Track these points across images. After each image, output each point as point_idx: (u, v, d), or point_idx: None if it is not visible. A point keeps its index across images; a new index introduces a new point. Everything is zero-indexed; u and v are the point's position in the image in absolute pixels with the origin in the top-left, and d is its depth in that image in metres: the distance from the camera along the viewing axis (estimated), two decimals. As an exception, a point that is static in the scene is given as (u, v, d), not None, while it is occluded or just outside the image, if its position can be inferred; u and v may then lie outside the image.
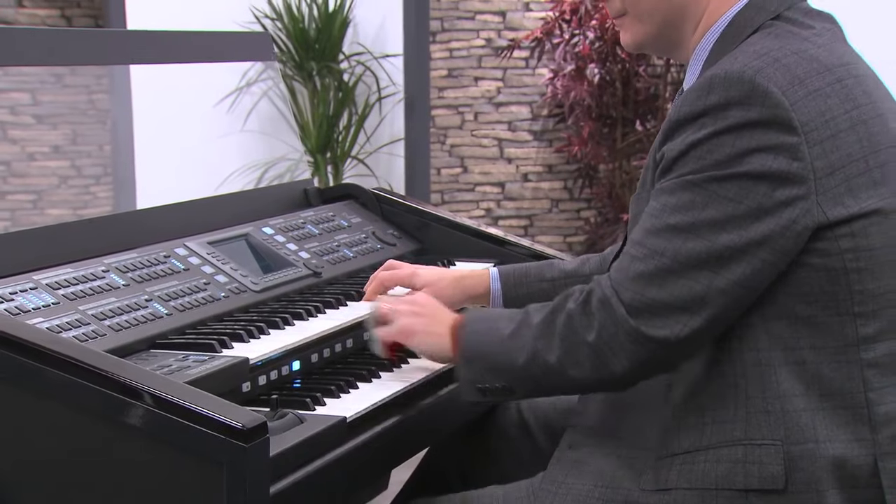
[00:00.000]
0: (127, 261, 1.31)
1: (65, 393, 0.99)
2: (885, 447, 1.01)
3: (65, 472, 1.01)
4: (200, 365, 1.12)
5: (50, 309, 1.16)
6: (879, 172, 1.01)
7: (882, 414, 1.01)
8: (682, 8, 1.10)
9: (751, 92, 0.98)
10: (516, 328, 1.08)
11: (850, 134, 1.00)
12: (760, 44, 1.04)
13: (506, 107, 4.10)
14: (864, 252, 1.00)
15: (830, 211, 0.99)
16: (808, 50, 1.03)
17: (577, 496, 1.06)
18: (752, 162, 0.98)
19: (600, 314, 1.03)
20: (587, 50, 3.72)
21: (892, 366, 1.02)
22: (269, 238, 1.53)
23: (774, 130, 0.98)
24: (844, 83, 1.02)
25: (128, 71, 3.00)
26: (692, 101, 1.01)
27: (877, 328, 1.02)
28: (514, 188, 4.12)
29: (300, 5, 3.41)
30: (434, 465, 1.47)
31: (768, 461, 1.00)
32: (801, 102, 0.99)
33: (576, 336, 1.04)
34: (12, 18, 4.61)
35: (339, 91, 3.46)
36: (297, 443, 1.03)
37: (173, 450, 0.96)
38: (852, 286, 1.00)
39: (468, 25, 4.04)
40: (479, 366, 1.10)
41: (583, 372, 1.04)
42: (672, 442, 1.04)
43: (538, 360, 1.06)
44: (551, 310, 1.07)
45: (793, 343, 1.01)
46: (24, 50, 1.45)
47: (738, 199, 0.98)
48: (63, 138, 4.60)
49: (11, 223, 4.42)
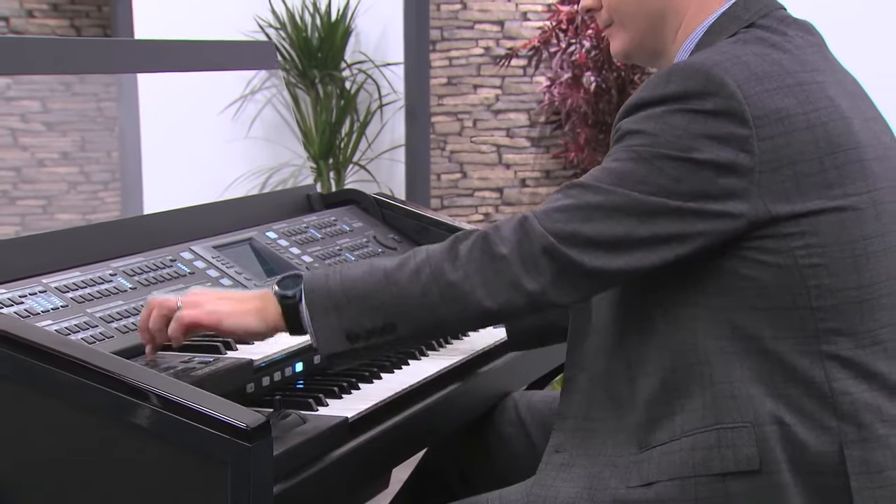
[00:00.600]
0: (134, 264, 1.31)
1: (73, 394, 0.99)
2: (849, 435, 1.01)
3: (72, 471, 1.01)
4: (205, 366, 1.12)
5: (59, 312, 1.16)
6: (836, 173, 1.01)
7: (847, 403, 1.01)
8: (662, 15, 1.11)
9: (707, 82, 0.99)
10: (405, 259, 1.03)
11: (806, 134, 1.00)
12: (727, 47, 1.05)
13: (504, 114, 4.11)
14: (817, 248, 1.00)
15: (774, 206, 0.99)
16: (770, 54, 1.04)
17: (567, 498, 1.06)
18: (700, 148, 0.99)
19: (518, 231, 1.01)
20: (583, 58, 3.73)
21: (855, 359, 1.02)
22: (273, 242, 1.53)
23: (726, 121, 0.98)
24: (805, 86, 1.02)
25: (135, 79, 3.00)
26: (652, 88, 1.02)
27: (837, 324, 1.02)
28: (513, 193, 4.12)
29: (303, 15, 3.42)
30: (433, 464, 1.47)
31: (741, 443, 1.00)
32: (756, 97, 0.99)
33: (489, 251, 1.00)
34: (23, 29, 4.62)
35: (342, 98, 3.46)
36: (299, 442, 1.03)
37: (178, 449, 0.96)
38: (807, 281, 1.00)
39: (467, 35, 4.04)
40: (356, 308, 1.02)
41: (490, 291, 1.00)
42: (648, 436, 1.04)
43: (439, 281, 1.00)
44: (453, 238, 1.03)
45: (756, 333, 1.01)
46: (34, 59, 1.45)
47: (678, 178, 0.99)
48: (72, 145, 4.60)
49: (22, 228, 4.42)
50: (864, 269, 1.02)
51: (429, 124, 3.80)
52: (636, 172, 1.00)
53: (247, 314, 1.08)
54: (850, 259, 1.01)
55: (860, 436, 1.01)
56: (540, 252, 1.00)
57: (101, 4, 4.77)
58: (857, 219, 1.02)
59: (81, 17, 4.78)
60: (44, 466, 1.02)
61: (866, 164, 1.03)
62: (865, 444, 1.01)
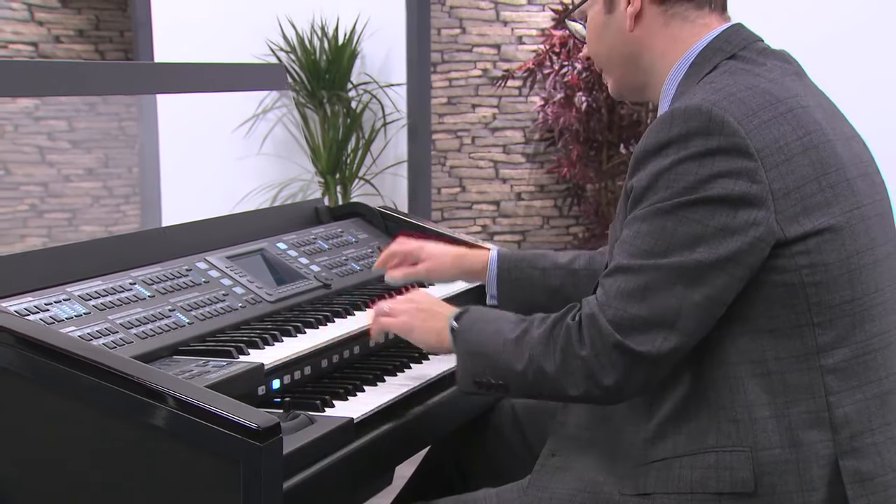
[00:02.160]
0: (152, 274, 1.31)
1: (94, 396, 0.99)
2: (844, 446, 1.01)
3: (92, 470, 1.01)
4: (219, 370, 1.12)
5: (82, 318, 1.16)
6: (831, 192, 1.02)
7: (841, 416, 1.01)
8: (633, 56, 1.13)
9: (709, 122, 0.99)
10: (520, 334, 1.08)
11: (803, 158, 1.01)
12: (717, 81, 1.05)
13: (501, 131, 4.11)
14: (820, 267, 1.00)
15: (788, 228, 0.99)
16: (759, 84, 1.04)
17: (561, 500, 1.06)
18: (714, 186, 0.98)
19: (589, 331, 1.02)
20: (575, 79, 3.74)
21: (848, 370, 1.02)
22: (283, 253, 1.53)
23: (733, 157, 0.98)
24: (794, 112, 1.03)
25: (155, 100, 3.01)
26: (656, 133, 1.02)
27: (833, 336, 1.01)
28: (509, 206, 4.13)
29: (312, 39, 3.43)
30: (434, 462, 1.47)
31: (738, 467, 1.00)
32: (756, 131, 0.99)
33: (571, 349, 1.03)
34: (51, 53, 4.64)
35: (348, 117, 3.47)
36: (308, 442, 1.03)
37: (193, 449, 0.95)
38: (810, 299, 1.00)
39: (466, 57, 4.05)
40: (481, 362, 1.10)
41: (576, 383, 1.03)
42: (649, 450, 1.04)
43: (536, 367, 1.05)
44: (553, 322, 1.07)
45: (757, 356, 1.01)
46: (61, 81, 1.46)
47: (704, 220, 0.99)
48: (96, 161, 4.61)
49: (49, 239, 4.42)
50: (856, 282, 1.02)
51: (430, 141, 3.81)
52: (665, 230, 0.99)
53: (430, 332, 1.18)
54: (846, 274, 1.01)
55: (852, 446, 1.01)
56: (612, 349, 1.01)
57: (123, 30, 4.79)
58: (851, 235, 1.02)
59: (105, 42, 4.80)
60: (66, 465, 1.02)
61: (852, 182, 1.04)
62: (857, 453, 1.01)
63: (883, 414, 1.03)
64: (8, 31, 4.57)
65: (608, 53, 1.15)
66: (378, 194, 3.54)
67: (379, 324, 1.23)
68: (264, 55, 3.42)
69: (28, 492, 1.04)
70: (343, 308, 1.41)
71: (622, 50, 1.13)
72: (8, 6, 4.57)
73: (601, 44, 1.15)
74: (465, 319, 1.14)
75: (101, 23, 4.80)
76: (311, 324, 1.33)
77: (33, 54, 4.60)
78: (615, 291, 1.02)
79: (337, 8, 3.47)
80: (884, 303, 1.05)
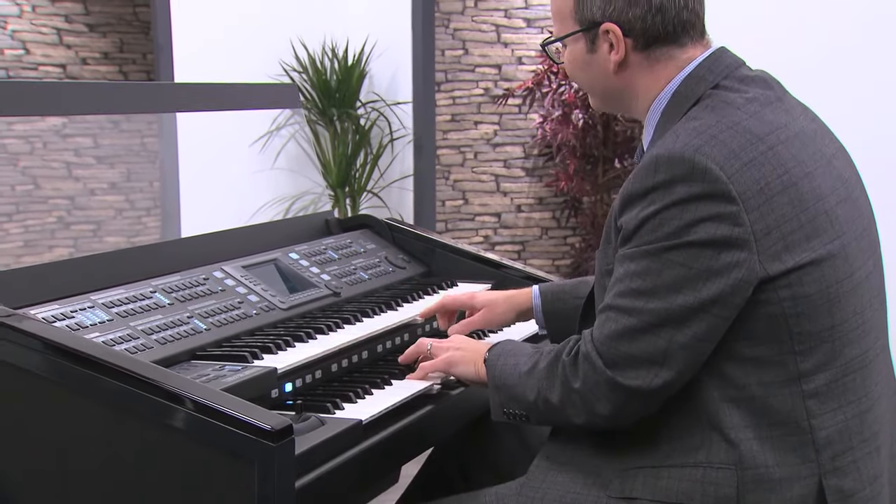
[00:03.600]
0: (171, 282, 1.31)
1: (117, 398, 0.99)
2: (826, 466, 1.00)
3: (113, 469, 1.01)
4: (235, 374, 1.12)
5: (105, 325, 1.16)
6: (811, 227, 1.00)
7: (823, 438, 1.00)
8: (615, 91, 1.11)
9: (692, 169, 0.98)
10: (531, 367, 1.09)
11: (783, 196, 0.99)
12: (699, 119, 1.02)
13: (502, 147, 4.12)
14: (802, 299, 0.99)
15: (770, 266, 0.98)
16: (741, 122, 1.01)
17: (552, 501, 1.05)
18: (698, 231, 0.97)
19: (584, 366, 1.03)
20: (572, 98, 3.75)
21: (828, 394, 1.01)
22: (295, 262, 1.53)
23: (716, 202, 0.97)
24: (774, 150, 1.01)
25: (175, 118, 3.02)
26: (642, 179, 1.00)
27: (814, 362, 1.00)
28: (509, 218, 4.13)
29: (323, 60, 3.44)
30: (438, 461, 1.46)
31: (723, 483, 0.99)
32: (738, 174, 0.98)
33: (567, 383, 1.04)
34: (78, 74, 4.67)
35: (357, 134, 3.47)
36: (318, 442, 1.03)
37: (210, 449, 0.95)
38: (791, 329, 0.99)
39: (469, 77, 4.07)
40: (504, 394, 1.12)
41: (577, 413, 1.04)
42: (637, 457, 1.04)
43: (543, 398, 1.07)
44: (554, 356, 1.08)
45: (742, 381, 1.00)
46: (87, 101, 1.47)
47: (688, 264, 0.98)
48: (119, 176, 4.62)
49: (75, 249, 4.43)
50: (836, 310, 1.01)
51: (434, 156, 3.81)
52: (651, 272, 0.99)
53: (469, 365, 1.20)
54: (826, 303, 1.00)
55: (834, 465, 1.00)
56: (604, 383, 1.02)
57: (145, 52, 4.82)
58: (832, 265, 1.01)
59: (129, 63, 4.82)
60: (88, 464, 1.02)
61: (830, 213, 1.02)
62: (838, 472, 1.00)
63: (861, 431, 1.03)
64: (38, 54, 4.59)
65: (590, 84, 1.13)
66: (385, 207, 3.54)
67: (424, 369, 1.25)
68: (278, 75, 3.44)
69: (50, 490, 1.04)
70: (352, 315, 1.41)
71: (604, 85, 1.11)
72: (38, 30, 4.60)
73: (584, 74, 1.12)
74: (493, 353, 1.15)
75: (124, 46, 4.83)
76: (322, 330, 1.33)
77: (61, 76, 4.63)
78: (608, 331, 1.02)
79: (347, 30, 3.48)
80: (863, 324, 1.04)
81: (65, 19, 4.66)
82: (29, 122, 4.32)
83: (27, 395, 1.03)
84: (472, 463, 1.41)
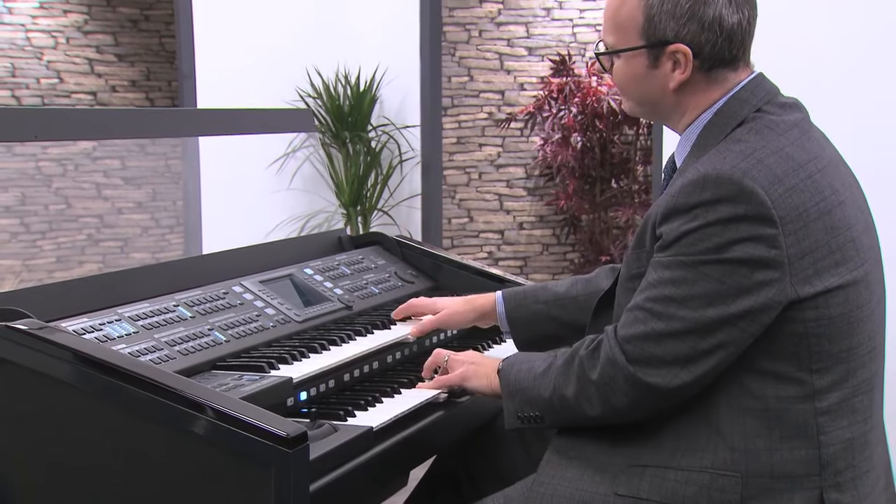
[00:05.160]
0: (193, 297, 1.31)
1: (142, 406, 1.00)
2: (829, 481, 0.99)
3: (137, 473, 1.01)
4: (253, 383, 1.12)
5: (131, 337, 1.16)
6: (840, 254, 1.00)
7: (830, 454, 1.00)
8: (664, 104, 1.09)
9: (739, 192, 0.97)
10: (547, 367, 1.09)
11: (818, 223, 0.99)
12: (745, 142, 1.01)
13: (504, 168, 4.13)
14: (825, 321, 0.99)
15: (801, 289, 0.98)
16: (784, 148, 1.01)
17: (562, 497, 1.05)
18: (736, 250, 0.97)
19: (604, 359, 1.03)
20: (571, 122, 3.76)
21: (839, 412, 1.01)
22: (310, 277, 1.53)
23: (757, 224, 0.97)
24: (813, 178, 1.01)
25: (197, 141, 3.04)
26: (688, 194, 0.99)
27: (829, 381, 1.00)
28: (512, 235, 4.13)
29: (336, 86, 3.46)
30: (444, 465, 1.46)
31: (728, 489, 0.99)
32: (781, 200, 0.98)
33: (584, 376, 1.04)
34: (107, 101, 4.72)
35: (368, 156, 3.49)
36: (331, 448, 1.03)
37: (229, 454, 0.95)
38: (812, 348, 0.99)
39: (473, 102, 4.09)
40: (519, 398, 1.11)
41: (592, 406, 1.04)
42: (644, 455, 1.03)
43: (559, 394, 1.06)
44: (571, 353, 1.07)
45: (759, 393, 1.00)
46: (116, 126, 1.48)
47: (722, 279, 0.98)
48: (145, 196, 4.65)
49: (104, 265, 4.45)
50: (854, 333, 1.01)
51: (441, 177, 3.82)
52: (685, 281, 0.98)
53: (482, 378, 1.20)
54: (847, 326, 1.00)
55: (835, 481, 1.00)
56: (623, 378, 1.01)
57: (170, 80, 4.86)
58: (855, 291, 1.01)
59: (155, 91, 4.87)
60: (113, 468, 1.02)
61: (857, 241, 1.02)
62: (839, 487, 1.00)
63: (863, 450, 1.02)
64: (71, 82, 4.65)
65: (640, 96, 1.10)
66: (395, 224, 3.55)
67: (439, 382, 1.24)
68: (294, 101, 3.46)
69: (77, 491, 1.04)
70: (363, 327, 1.41)
71: (656, 98, 1.08)
72: (72, 61, 4.66)
73: (637, 87, 1.09)
74: (506, 363, 1.15)
75: (151, 74, 4.87)
76: (335, 341, 1.33)
77: (92, 102, 4.68)
78: (635, 330, 1.01)
79: (359, 59, 3.51)
80: (873, 349, 1.04)
81: (96, 50, 4.72)
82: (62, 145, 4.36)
83: (57, 402, 1.04)
84: (478, 467, 1.40)
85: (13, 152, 4.35)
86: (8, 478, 1.05)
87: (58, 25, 4.62)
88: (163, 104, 4.82)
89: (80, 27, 4.67)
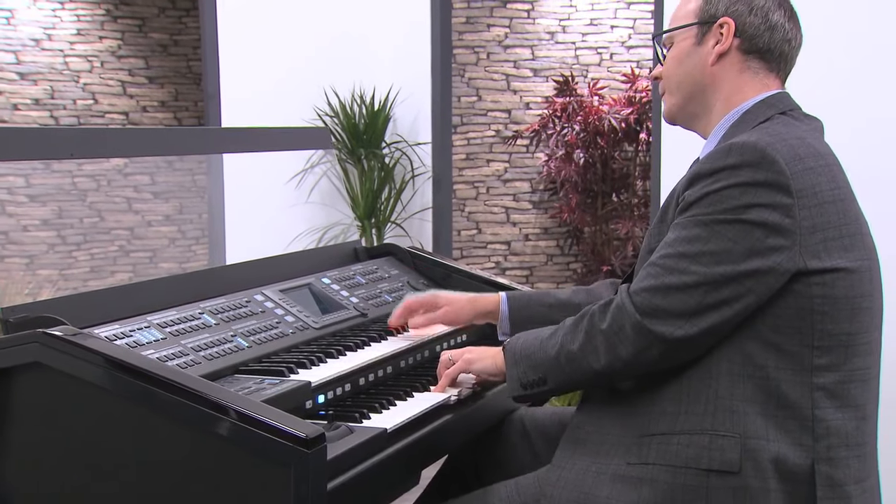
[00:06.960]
0: (217, 304, 1.32)
1: (169, 409, 1.00)
2: (821, 454, 1.00)
3: (164, 473, 1.01)
4: (273, 387, 1.12)
5: (159, 343, 1.17)
6: (850, 241, 1.02)
7: (823, 428, 1.00)
8: (702, 88, 1.12)
9: (762, 159, 0.99)
10: (554, 331, 1.10)
11: (832, 206, 1.01)
12: (772, 128, 1.06)
13: (511, 182, 4.13)
14: (830, 299, 1.00)
15: (809, 261, 0.99)
16: (806, 138, 1.05)
17: (579, 471, 1.05)
18: (752, 213, 0.98)
19: (614, 310, 1.04)
20: (574, 139, 3.76)
21: (834, 392, 1.01)
22: (327, 286, 1.53)
23: (775, 191, 0.98)
24: (831, 168, 1.04)
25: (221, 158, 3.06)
26: (713, 160, 1.02)
27: (827, 361, 1.01)
28: (518, 245, 4.13)
29: (352, 105, 3.48)
30: (454, 466, 1.45)
31: (728, 449, 0.99)
32: (799, 175, 1.00)
33: (593, 327, 1.05)
34: (138, 121, 4.77)
35: (382, 171, 3.50)
36: (347, 449, 1.03)
37: (251, 454, 0.95)
38: (815, 325, 1.00)
39: (482, 120, 4.10)
40: (524, 364, 1.11)
41: (597, 357, 1.04)
42: (651, 424, 1.03)
43: (566, 350, 1.07)
44: (581, 313, 1.08)
45: (761, 361, 1.00)
46: (146, 144, 1.50)
47: (735, 239, 0.99)
48: (172, 209, 4.69)
49: (134, 274, 4.48)
50: (855, 319, 1.02)
51: (451, 191, 3.83)
52: (699, 239, 1.00)
53: (487, 359, 1.21)
54: (848, 310, 1.01)
55: (828, 455, 1.00)
56: (630, 326, 1.02)
57: (197, 100, 4.91)
58: (860, 279, 1.02)
59: (182, 111, 4.92)
60: (141, 469, 1.02)
61: (864, 237, 1.05)
62: (831, 462, 1.00)
63: (857, 436, 1.02)
64: (105, 103, 4.71)
65: (681, 78, 1.13)
66: (407, 236, 3.55)
67: (447, 376, 1.24)
68: (312, 119, 3.48)
69: (107, 488, 1.04)
70: (378, 334, 1.41)
71: (696, 78, 1.12)
72: (106, 83, 4.72)
73: (680, 68, 1.13)
74: (512, 338, 1.16)
75: (179, 95, 4.92)
76: (351, 347, 1.34)
77: (125, 122, 4.73)
78: (645, 284, 1.02)
79: (373, 79, 3.53)
80: (869, 343, 1.05)
81: (128, 73, 4.78)
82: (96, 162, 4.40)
83: (89, 405, 1.04)
84: (486, 467, 1.40)
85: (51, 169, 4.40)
86: (42, 473, 1.06)
87: (94, 50, 4.68)
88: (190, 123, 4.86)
89: (114, 52, 4.74)
